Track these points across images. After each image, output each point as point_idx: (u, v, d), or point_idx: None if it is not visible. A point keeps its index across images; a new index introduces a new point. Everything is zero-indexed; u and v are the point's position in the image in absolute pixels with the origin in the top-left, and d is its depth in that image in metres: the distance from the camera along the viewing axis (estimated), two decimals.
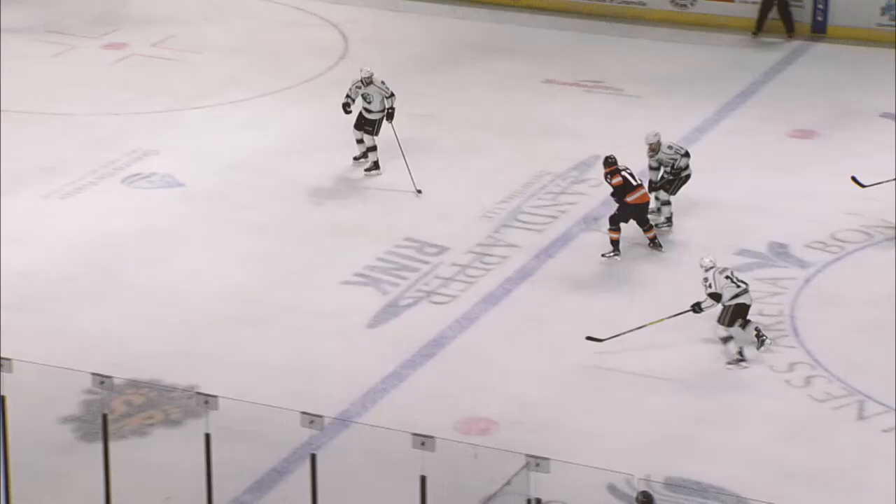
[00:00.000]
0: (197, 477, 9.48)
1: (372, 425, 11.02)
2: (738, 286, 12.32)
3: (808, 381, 12.15)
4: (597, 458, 10.61)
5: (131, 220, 14.76)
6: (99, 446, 9.86)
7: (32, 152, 16.07)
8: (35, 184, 15.41)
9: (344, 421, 11.30)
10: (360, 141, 15.72)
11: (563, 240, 14.51)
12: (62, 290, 13.40)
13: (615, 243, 13.97)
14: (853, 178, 14.61)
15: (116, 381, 9.85)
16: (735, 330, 12.34)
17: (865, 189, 14.53)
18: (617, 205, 13.99)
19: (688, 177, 14.54)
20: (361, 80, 15.61)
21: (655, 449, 11.26)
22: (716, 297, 12.24)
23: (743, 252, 14.13)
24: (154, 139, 16.49)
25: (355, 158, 15.76)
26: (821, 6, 19.90)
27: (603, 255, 14.01)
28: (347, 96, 15.66)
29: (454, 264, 14.00)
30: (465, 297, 13.43)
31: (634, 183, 13.97)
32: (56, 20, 19.94)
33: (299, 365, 12.33)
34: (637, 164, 14.73)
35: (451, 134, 16.60)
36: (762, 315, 12.95)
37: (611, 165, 14.00)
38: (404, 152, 15.34)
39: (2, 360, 9.39)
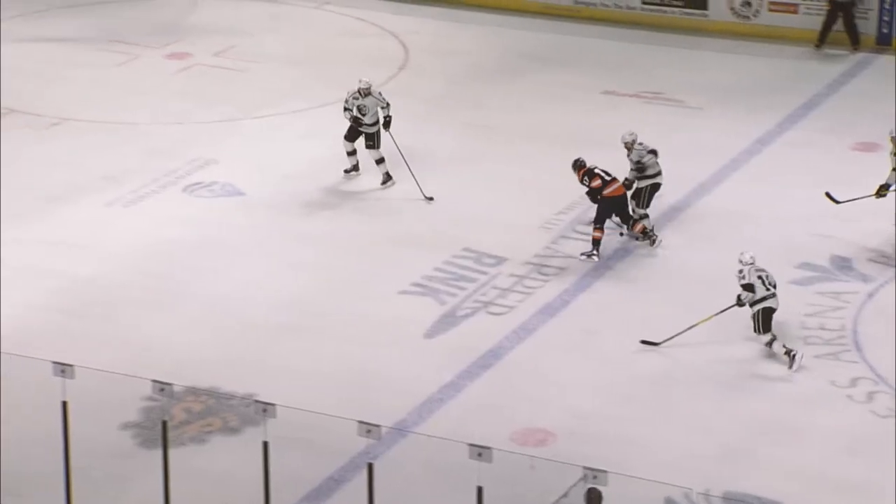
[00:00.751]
0: (254, 485, 9.52)
1: (429, 435, 11.02)
2: (767, 289, 12.38)
3: (870, 396, 12.01)
4: (654, 470, 10.54)
5: (191, 228, 14.87)
6: (158, 453, 9.94)
7: (95, 161, 16.25)
8: (98, 192, 15.58)
9: (401, 431, 11.31)
10: (351, 153, 15.66)
11: (623, 251, 14.44)
12: (123, 297, 13.53)
13: (596, 242, 14.00)
14: (827, 194, 14.48)
15: (176, 389, 9.92)
16: (771, 332, 12.39)
17: (840, 205, 14.34)
18: (595, 205, 14.06)
19: (658, 185, 14.38)
20: (359, 91, 15.55)
21: (713, 461, 11.17)
22: (749, 287, 12.34)
23: (804, 265, 13.99)
24: (215, 148, 16.62)
25: (346, 171, 15.66)
26: (886, 18, 19.69)
27: (582, 255, 14.03)
28: (346, 109, 15.57)
29: (512, 275, 13.98)
30: (522, 307, 13.40)
31: (608, 178, 14.08)
32: (120, 30, 20.15)
33: (356, 374, 12.35)
34: (698, 175, 14.66)
35: (510, 145, 16.58)
36: (824, 329, 12.82)
37: (582, 167, 14.13)
38: (407, 160, 15.37)
39: (64, 367, 9.49)
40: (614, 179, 14.13)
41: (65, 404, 9.66)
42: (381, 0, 21.44)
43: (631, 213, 14.26)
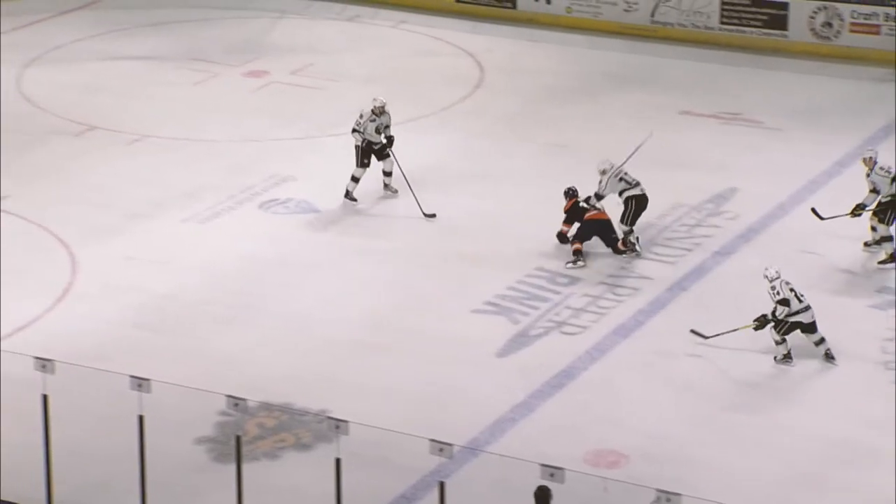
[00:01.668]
0: (326, 502, 9.55)
1: (501, 455, 10.99)
2: (801, 302, 12.46)
3: None
4: (728, 494, 10.43)
5: (267, 244, 14.99)
6: (232, 467, 10.01)
7: (174, 177, 16.44)
8: (176, 208, 15.76)
9: (473, 450, 11.29)
10: (356, 180, 15.61)
11: (698, 272, 14.33)
12: (199, 312, 13.65)
13: (577, 252, 14.26)
14: (813, 210, 14.50)
15: (250, 404, 9.99)
16: (789, 339, 12.54)
17: (824, 221, 14.33)
18: (578, 225, 14.53)
19: (636, 200, 14.42)
20: (374, 111, 15.61)
21: (787, 486, 11.03)
22: (785, 302, 12.41)
23: (884, 289, 13.81)
24: (291, 166, 16.75)
25: (354, 199, 15.60)
26: None
27: (567, 264, 14.16)
28: (358, 131, 15.53)
29: (586, 295, 13.92)
30: (595, 328, 13.34)
31: (588, 205, 14.47)
32: (200, 48, 20.41)
33: (428, 392, 12.36)
34: (776, 196, 14.52)
35: (585, 164, 16.51)
36: None
37: (573, 197, 14.53)
38: (407, 177, 15.49)
39: (141, 381, 9.59)
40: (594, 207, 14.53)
41: (141, 418, 9.77)
42: (457, 19, 21.52)
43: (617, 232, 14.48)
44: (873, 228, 14.24)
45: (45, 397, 10.00)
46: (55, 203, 15.70)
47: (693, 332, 12.85)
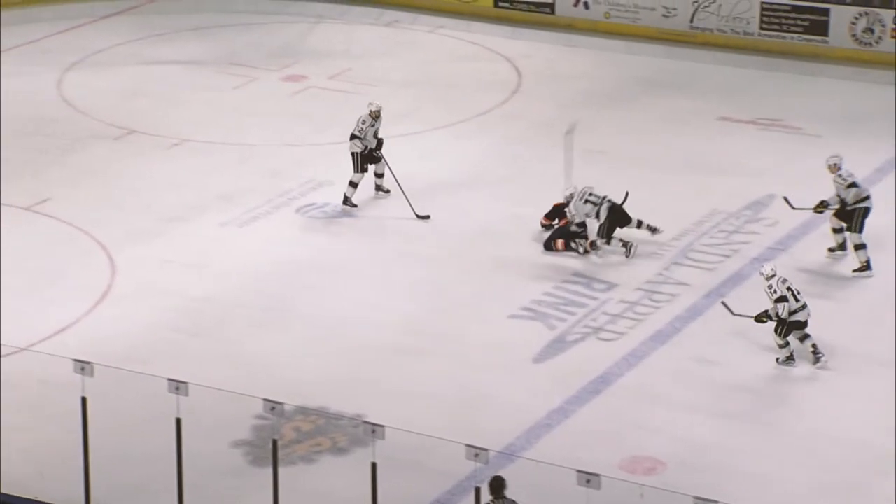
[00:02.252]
0: None
1: (536, 460, 10.95)
2: (798, 301, 12.49)
3: None
4: (766, 502, 10.34)
5: (304, 248, 15.03)
6: (268, 471, 10.03)
7: (212, 181, 16.51)
8: (214, 212, 15.82)
9: (509, 455, 11.27)
10: (355, 185, 15.65)
11: (736, 279, 14.26)
12: (236, 316, 13.70)
13: (567, 246, 14.62)
14: (785, 199, 14.74)
15: (286, 408, 10.01)
16: (791, 342, 12.54)
17: (795, 211, 14.62)
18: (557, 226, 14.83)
19: (609, 214, 14.53)
20: (371, 114, 15.65)
21: (828, 496, 10.94)
22: (783, 299, 12.47)
23: None
24: (329, 170, 16.78)
25: (353, 205, 15.65)
26: None
27: (593, 253, 14.46)
28: (359, 136, 15.55)
29: (623, 301, 13.87)
30: (633, 334, 13.29)
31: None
32: (239, 53, 20.49)
33: (464, 397, 12.35)
34: (813, 204, 14.40)
35: (623, 170, 16.47)
36: None
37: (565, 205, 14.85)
38: (398, 179, 15.55)
39: (178, 384, 9.63)
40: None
41: (178, 421, 9.81)
42: (496, 24, 21.51)
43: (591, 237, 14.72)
44: (834, 230, 14.42)
45: (83, 399, 10.06)
46: (95, 206, 15.80)
47: (724, 304, 13.03)
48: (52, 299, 13.80)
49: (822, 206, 14.40)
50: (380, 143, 15.73)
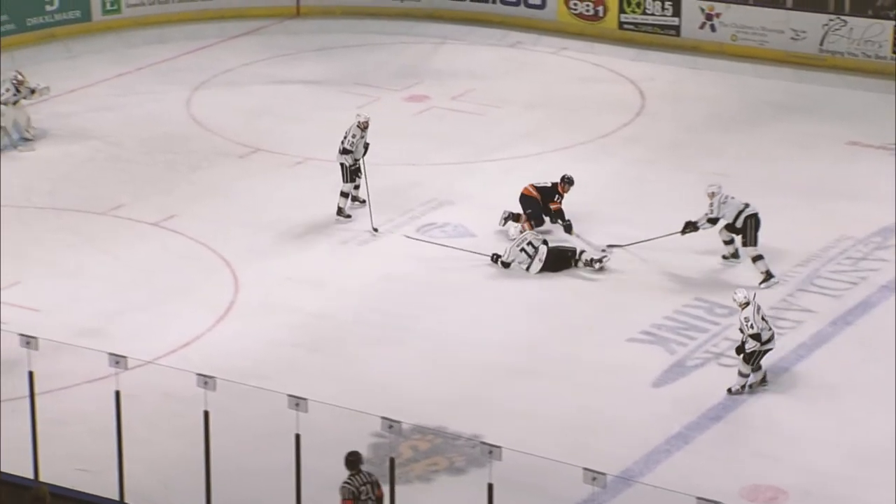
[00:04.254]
0: None
1: (654, 486, 10.82)
2: (770, 330, 12.40)
3: None
4: None
5: (424, 267, 15.08)
6: (385, 490, 10.05)
7: (334, 199, 16.66)
8: (335, 230, 15.97)
9: (626, 480, 11.15)
10: (347, 195, 15.81)
11: (863, 307, 13.95)
12: (353, 333, 13.79)
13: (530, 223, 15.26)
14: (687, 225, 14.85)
15: (404, 426, 10.03)
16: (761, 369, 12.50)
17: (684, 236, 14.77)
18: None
19: (549, 257, 14.71)
20: (360, 125, 15.74)
21: None
22: (757, 337, 12.28)
23: None
24: (449, 190, 16.84)
25: (347, 216, 15.78)
26: None
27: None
28: (351, 151, 15.70)
29: None
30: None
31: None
32: (363, 73, 20.69)
33: (582, 419, 12.26)
34: None
35: (747, 194, 16.19)
36: None
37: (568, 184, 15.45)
38: (369, 190, 15.72)
39: (298, 400, 9.71)
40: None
41: (297, 437, 9.89)
42: (620, 46, 21.41)
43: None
44: (725, 242, 14.65)
45: (206, 413, 10.20)
46: (220, 223, 16.06)
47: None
48: (177, 314, 14.04)
49: (689, 229, 14.66)
50: (366, 148, 15.93)
